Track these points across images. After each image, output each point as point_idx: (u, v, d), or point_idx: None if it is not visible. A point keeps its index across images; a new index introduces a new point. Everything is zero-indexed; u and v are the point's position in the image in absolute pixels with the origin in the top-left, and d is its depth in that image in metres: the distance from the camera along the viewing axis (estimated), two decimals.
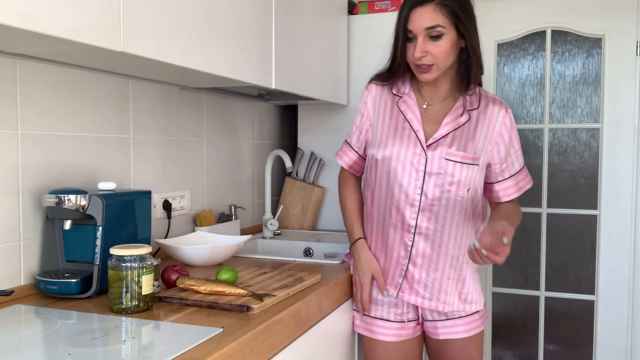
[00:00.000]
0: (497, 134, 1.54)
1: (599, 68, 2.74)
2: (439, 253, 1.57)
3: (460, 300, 1.60)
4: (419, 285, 1.58)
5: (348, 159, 1.74)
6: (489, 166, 1.58)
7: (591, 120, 2.77)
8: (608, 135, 2.73)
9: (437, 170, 1.52)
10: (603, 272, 2.77)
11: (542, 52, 2.81)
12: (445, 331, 1.62)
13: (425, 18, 1.44)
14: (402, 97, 1.60)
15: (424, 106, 1.59)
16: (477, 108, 1.55)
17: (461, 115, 1.54)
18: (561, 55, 2.80)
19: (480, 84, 1.60)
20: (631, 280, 2.73)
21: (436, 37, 1.45)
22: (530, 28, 2.79)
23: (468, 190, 1.53)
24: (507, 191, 1.60)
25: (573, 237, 2.83)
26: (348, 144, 1.75)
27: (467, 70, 1.54)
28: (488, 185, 1.62)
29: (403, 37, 1.51)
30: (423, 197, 1.54)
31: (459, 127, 1.53)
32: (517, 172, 1.60)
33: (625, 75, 2.68)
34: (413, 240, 1.57)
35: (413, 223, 1.56)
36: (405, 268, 1.58)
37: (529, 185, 1.63)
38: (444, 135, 1.53)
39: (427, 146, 1.53)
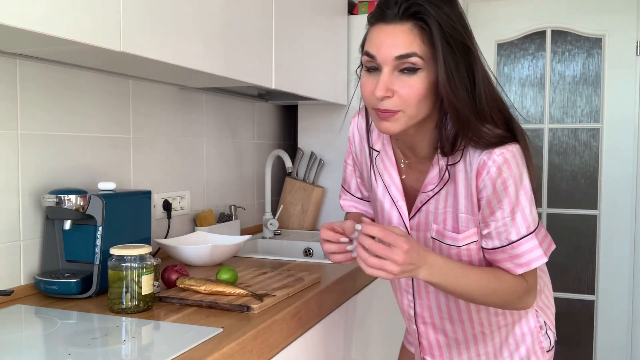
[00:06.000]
0: (475, 191, 1.08)
1: (599, 68, 2.74)
2: (457, 339, 1.24)
3: None
4: None
5: (352, 207, 1.39)
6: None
7: (591, 120, 2.77)
8: (608, 135, 2.73)
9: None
10: (603, 272, 2.77)
11: (542, 52, 2.81)
12: None
13: (397, 42, 0.99)
14: (379, 152, 1.22)
15: (402, 165, 1.19)
16: (459, 160, 1.09)
17: (442, 176, 1.12)
18: (561, 55, 2.80)
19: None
20: (631, 280, 2.73)
21: (409, 72, 1.00)
22: (530, 28, 2.79)
23: None
24: (498, 264, 1.12)
25: (573, 237, 2.83)
26: (347, 191, 1.38)
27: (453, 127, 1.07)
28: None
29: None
30: (415, 282, 1.24)
31: (440, 190, 1.13)
32: (507, 245, 1.08)
33: (625, 75, 2.68)
34: (418, 332, 1.28)
35: (412, 312, 1.27)
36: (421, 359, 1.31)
37: (531, 265, 1.08)
38: (426, 203, 1.15)
39: (409, 219, 1.18)
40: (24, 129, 1.39)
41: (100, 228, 1.37)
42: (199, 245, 1.70)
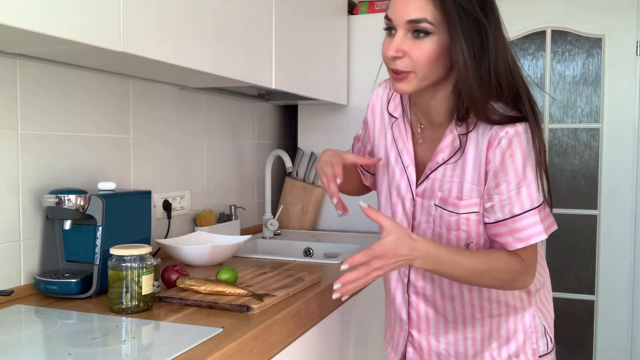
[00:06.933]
0: (484, 162, 1.10)
1: (599, 68, 2.74)
2: (446, 316, 1.24)
3: (494, 358, 1.22)
4: (430, 355, 1.27)
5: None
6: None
7: (591, 120, 2.77)
8: (608, 135, 2.73)
9: (426, 218, 1.19)
10: (603, 272, 2.77)
11: (542, 52, 2.80)
12: None
13: (410, 7, 1.04)
14: (396, 119, 1.25)
15: (419, 130, 1.22)
16: (472, 130, 1.12)
17: (454, 144, 1.14)
18: (561, 55, 2.80)
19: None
20: (631, 280, 2.73)
21: (420, 35, 1.05)
22: (530, 28, 2.79)
23: (467, 245, 1.15)
24: (497, 239, 1.13)
25: (573, 237, 2.83)
26: (352, 148, 1.47)
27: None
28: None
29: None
30: None
31: (450, 158, 1.15)
32: (509, 218, 1.09)
33: (625, 75, 2.68)
34: (408, 301, 1.27)
35: (406, 280, 1.26)
36: (406, 334, 1.30)
37: (530, 241, 1.10)
38: (435, 170, 1.17)
39: (417, 185, 1.20)
40: (24, 129, 1.39)
41: (100, 228, 1.37)
42: (199, 245, 1.70)
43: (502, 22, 1.11)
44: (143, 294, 1.25)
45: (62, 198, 1.36)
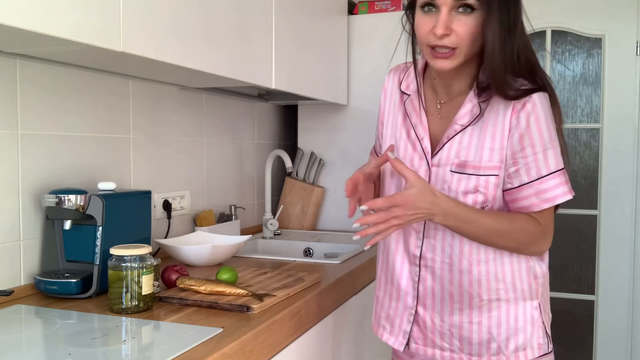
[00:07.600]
0: (508, 127, 1.14)
1: (599, 68, 2.74)
2: (452, 292, 1.22)
3: (501, 349, 1.21)
4: (434, 334, 1.25)
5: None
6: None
7: (591, 120, 2.77)
8: (608, 135, 2.73)
9: (441, 186, 1.20)
10: (603, 272, 2.77)
11: (542, 52, 2.81)
12: None
13: None
14: (409, 95, 1.28)
15: (438, 106, 1.25)
16: (493, 96, 1.16)
17: (473, 111, 1.18)
18: (561, 55, 2.80)
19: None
20: (631, 280, 2.73)
21: (467, 11, 1.08)
22: (531, 28, 2.79)
23: (483, 208, 1.17)
24: (519, 203, 1.16)
25: (573, 237, 2.83)
26: (374, 149, 1.47)
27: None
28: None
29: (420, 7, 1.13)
30: (426, 222, 1.23)
31: (468, 125, 1.18)
32: (535, 180, 1.14)
33: (625, 75, 2.68)
34: (419, 275, 1.26)
35: (417, 252, 1.25)
36: (414, 311, 1.27)
37: (556, 200, 1.15)
38: (452, 138, 1.19)
39: (432, 156, 1.22)
40: (24, 129, 1.39)
41: (100, 228, 1.37)
42: (199, 245, 1.70)
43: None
44: (143, 294, 1.25)
45: (62, 198, 1.36)
